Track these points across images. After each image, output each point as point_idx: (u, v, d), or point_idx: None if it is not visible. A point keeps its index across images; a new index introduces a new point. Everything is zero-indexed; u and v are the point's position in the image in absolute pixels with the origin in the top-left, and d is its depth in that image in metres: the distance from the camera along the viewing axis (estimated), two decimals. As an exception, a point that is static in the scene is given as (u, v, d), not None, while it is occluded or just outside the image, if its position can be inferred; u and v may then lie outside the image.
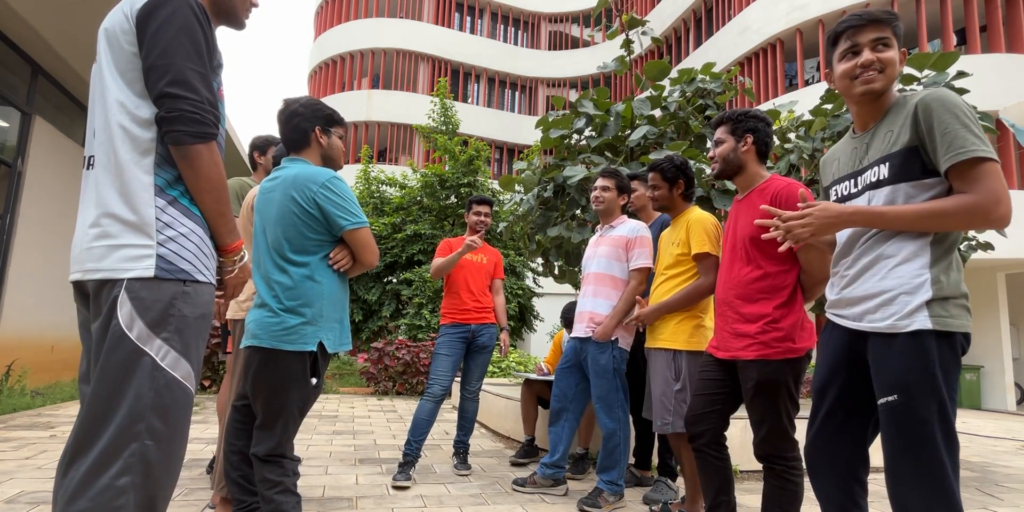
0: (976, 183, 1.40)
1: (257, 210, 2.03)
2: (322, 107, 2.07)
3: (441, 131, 13.12)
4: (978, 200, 1.39)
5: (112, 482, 1.11)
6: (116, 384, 1.15)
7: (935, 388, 1.40)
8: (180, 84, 1.21)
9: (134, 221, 1.21)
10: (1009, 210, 1.40)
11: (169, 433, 1.19)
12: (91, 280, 1.21)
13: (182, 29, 1.23)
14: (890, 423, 1.45)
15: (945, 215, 1.42)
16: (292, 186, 1.93)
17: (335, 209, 1.92)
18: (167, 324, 1.20)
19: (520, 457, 3.87)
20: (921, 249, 1.48)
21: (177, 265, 1.23)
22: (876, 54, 1.56)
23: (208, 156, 1.25)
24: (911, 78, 4.22)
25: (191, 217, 1.28)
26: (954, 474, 1.40)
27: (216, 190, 1.28)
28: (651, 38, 4.56)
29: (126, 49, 1.25)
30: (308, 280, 1.91)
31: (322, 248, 1.95)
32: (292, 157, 2.06)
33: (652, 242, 3.06)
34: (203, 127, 1.23)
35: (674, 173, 2.83)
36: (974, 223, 1.42)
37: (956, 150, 1.40)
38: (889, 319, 1.48)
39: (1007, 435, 6.88)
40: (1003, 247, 7.22)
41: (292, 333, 1.87)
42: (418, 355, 7.94)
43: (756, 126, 2.24)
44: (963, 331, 1.44)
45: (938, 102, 1.45)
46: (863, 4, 12.20)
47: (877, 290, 1.52)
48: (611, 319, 2.96)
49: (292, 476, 1.93)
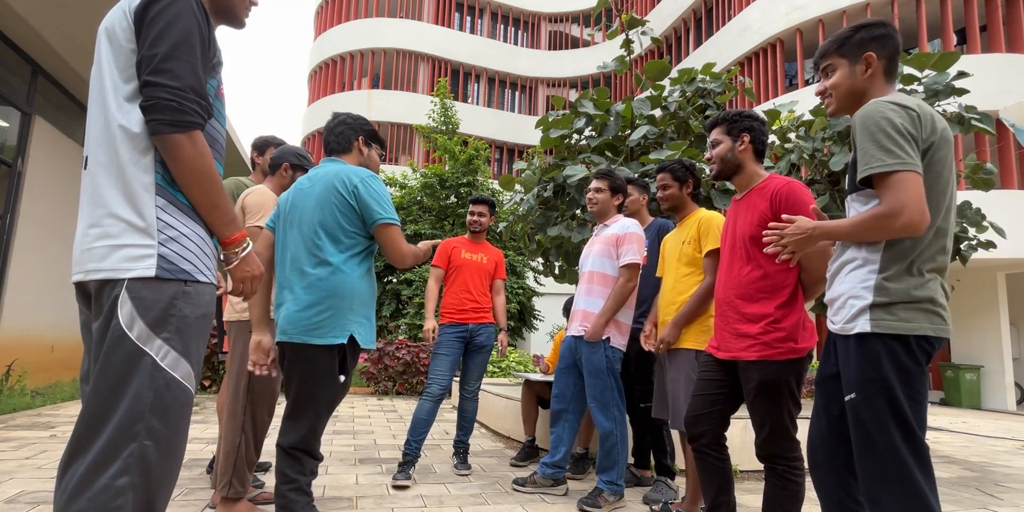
0: (884, 194, 1.48)
1: (292, 205, 2.10)
2: (369, 124, 2.28)
3: (441, 131, 13.13)
4: (882, 211, 1.47)
5: (111, 482, 1.11)
6: (116, 384, 1.15)
7: (886, 387, 1.46)
8: (161, 72, 1.18)
9: (135, 221, 1.21)
10: (912, 220, 1.44)
11: (168, 433, 1.19)
12: (93, 280, 1.21)
13: (175, 20, 1.21)
14: (852, 421, 1.53)
15: (864, 226, 1.51)
16: (335, 177, 2.04)
17: (372, 202, 2.02)
18: (167, 324, 1.20)
19: (520, 459, 3.86)
20: (872, 255, 1.56)
21: (178, 265, 1.22)
22: (825, 83, 1.75)
23: (190, 146, 1.21)
24: (911, 78, 4.22)
25: (192, 217, 1.27)
26: (922, 473, 1.43)
27: (203, 181, 1.24)
28: (651, 38, 4.56)
29: (124, 46, 1.24)
30: (339, 273, 1.98)
31: (355, 244, 2.03)
32: (332, 158, 2.19)
33: (644, 241, 3.07)
34: (181, 115, 1.19)
35: (683, 173, 2.90)
36: (884, 233, 1.49)
37: (863, 166, 1.50)
38: (841, 322, 1.58)
39: (1007, 435, 6.88)
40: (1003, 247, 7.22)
41: (320, 327, 1.93)
42: (418, 355, 7.94)
43: (752, 125, 2.25)
44: (918, 334, 1.48)
45: (859, 118, 1.55)
46: (863, 4, 12.21)
47: (836, 294, 1.63)
48: (600, 318, 2.96)
49: (308, 475, 1.98)
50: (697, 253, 2.72)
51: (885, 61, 1.65)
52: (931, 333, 1.48)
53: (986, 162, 4.67)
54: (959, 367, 11.01)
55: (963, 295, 11.40)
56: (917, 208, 1.44)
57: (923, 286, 1.50)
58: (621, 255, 3.01)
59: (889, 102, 1.51)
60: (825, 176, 4.75)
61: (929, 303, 1.50)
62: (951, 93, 4.12)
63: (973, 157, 4.71)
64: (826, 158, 4.59)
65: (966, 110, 4.24)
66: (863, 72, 1.66)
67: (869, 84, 1.66)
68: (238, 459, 2.39)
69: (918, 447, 1.44)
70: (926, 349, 1.49)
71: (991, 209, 5.76)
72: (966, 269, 10.65)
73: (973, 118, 4.18)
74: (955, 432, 6.99)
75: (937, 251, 1.54)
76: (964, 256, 4.90)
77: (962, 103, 4.32)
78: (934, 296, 1.50)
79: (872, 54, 1.64)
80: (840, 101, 1.72)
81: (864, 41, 1.66)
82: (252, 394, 2.44)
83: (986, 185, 4.60)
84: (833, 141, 4.51)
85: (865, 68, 1.66)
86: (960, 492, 3.65)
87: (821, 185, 4.75)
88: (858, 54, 1.66)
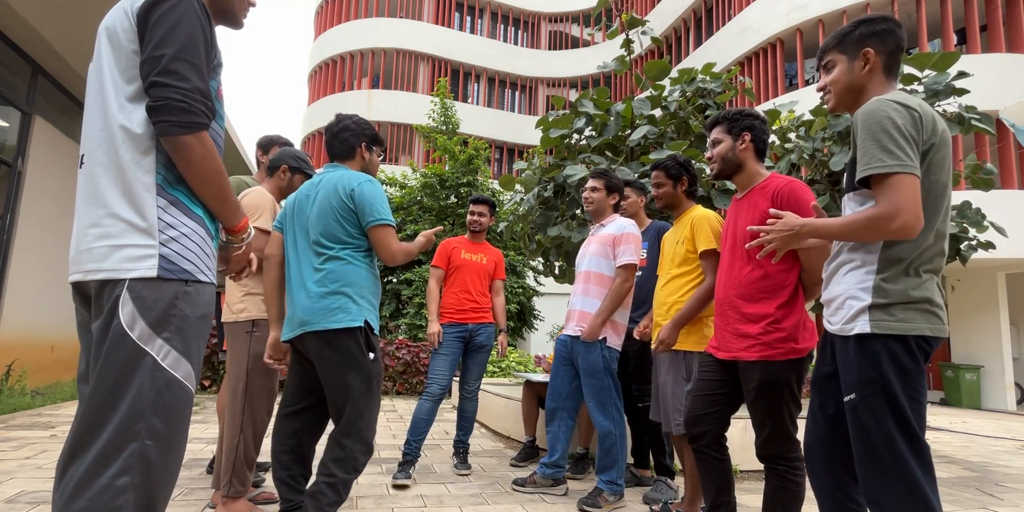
0: (880, 195, 1.47)
1: (299, 210, 2.20)
2: (371, 127, 2.31)
3: (441, 131, 13.13)
4: (878, 212, 1.46)
5: (111, 482, 1.11)
6: (117, 383, 1.15)
7: (886, 387, 1.46)
8: (168, 73, 1.18)
9: (136, 221, 1.21)
10: (907, 223, 1.43)
11: (169, 433, 1.19)
12: (93, 280, 1.21)
13: (180, 22, 1.21)
14: (852, 421, 1.53)
15: (856, 227, 1.51)
16: (337, 182, 2.12)
17: (366, 204, 2.09)
18: (168, 324, 1.20)
19: (520, 459, 3.86)
20: (869, 256, 1.55)
21: (179, 265, 1.23)
22: (825, 79, 1.74)
23: (200, 147, 1.22)
24: (912, 78, 4.22)
25: (192, 217, 1.27)
26: (923, 472, 1.43)
27: (214, 180, 1.27)
28: (651, 38, 4.56)
29: (126, 47, 1.24)
30: (348, 264, 2.09)
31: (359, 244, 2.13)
32: (335, 164, 2.26)
33: (641, 241, 3.07)
34: (190, 116, 1.20)
35: (678, 170, 2.85)
36: (878, 234, 1.49)
37: (862, 166, 1.49)
38: (840, 322, 1.58)
39: (1007, 435, 6.88)
40: (1003, 247, 7.22)
41: (339, 312, 2.01)
42: (418, 355, 7.95)
43: (752, 124, 2.25)
44: (916, 334, 1.48)
45: (862, 116, 1.53)
46: (863, 4, 12.21)
47: (834, 294, 1.63)
48: (596, 318, 2.96)
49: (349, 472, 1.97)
50: (691, 253, 2.70)
51: (885, 56, 1.64)
52: (929, 333, 1.49)
53: (986, 162, 4.66)
54: (959, 367, 11.01)
55: (963, 295, 11.40)
56: (912, 211, 1.43)
57: (920, 287, 1.51)
58: (618, 255, 3.01)
59: (893, 101, 1.50)
60: (825, 176, 4.75)
61: (927, 303, 1.50)
62: (951, 93, 4.11)
63: (973, 157, 4.70)
64: (826, 158, 4.59)
65: (966, 110, 4.24)
66: (861, 68, 1.65)
67: (867, 80, 1.65)
68: (237, 459, 2.41)
69: (919, 447, 1.44)
70: (924, 349, 1.49)
71: (991, 209, 5.75)
72: (966, 269, 10.65)
73: (973, 118, 4.18)
74: (955, 432, 6.99)
75: (936, 253, 1.54)
76: (964, 256, 4.90)
77: (962, 103, 4.32)
78: (931, 296, 1.50)
79: (870, 50, 1.63)
80: (838, 97, 1.71)
81: (863, 36, 1.65)
82: (250, 394, 2.45)
83: (986, 185, 4.60)
84: (833, 141, 4.51)
85: (863, 64, 1.65)
86: (960, 492, 3.65)
87: (821, 185, 4.75)
88: (857, 50, 1.65)
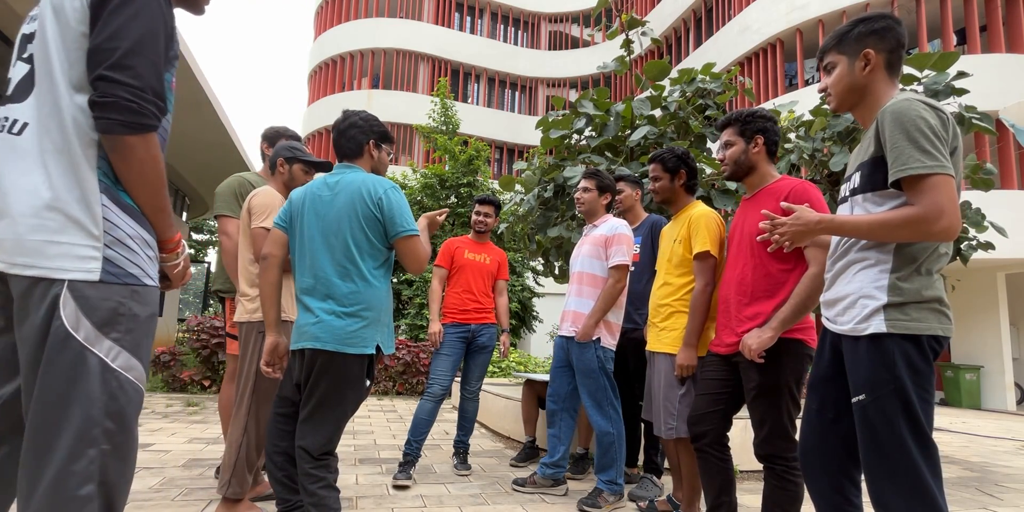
0: (921, 196, 1.43)
1: (314, 213, 2.07)
2: (379, 123, 2.21)
3: (441, 131, 13.14)
4: (920, 213, 1.43)
5: (76, 493, 1.06)
6: (65, 389, 1.08)
7: (899, 388, 1.44)
8: (122, 68, 1.09)
9: (80, 218, 1.11)
10: (952, 224, 1.42)
11: (123, 435, 1.14)
12: (20, 275, 1.09)
13: (139, 12, 1.13)
14: (861, 422, 1.51)
15: (891, 226, 1.47)
16: (360, 188, 2.04)
17: (396, 214, 2.03)
18: (117, 324, 1.13)
19: (520, 460, 3.86)
20: (884, 255, 1.53)
21: (125, 269, 1.15)
22: (825, 80, 1.73)
23: (143, 149, 1.13)
24: (911, 78, 4.22)
25: (137, 218, 1.19)
26: (931, 474, 1.42)
27: (151, 185, 1.17)
28: (651, 38, 4.56)
29: (73, 27, 1.13)
30: (370, 286, 2.02)
31: (381, 256, 2.07)
32: (347, 164, 2.17)
33: (633, 241, 3.05)
34: (139, 117, 1.11)
35: (675, 163, 2.73)
36: (916, 235, 1.47)
37: (899, 166, 1.45)
38: (851, 322, 1.55)
39: (1007, 435, 6.88)
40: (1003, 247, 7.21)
41: (355, 337, 1.97)
42: (418, 355, 7.94)
43: (766, 126, 2.22)
44: (929, 334, 1.47)
45: (892, 115, 1.49)
46: (863, 4, 12.21)
47: (844, 294, 1.60)
48: (590, 318, 2.96)
49: (334, 473, 2.01)
50: (687, 254, 2.61)
51: (886, 55, 1.62)
52: (941, 333, 1.48)
53: (986, 162, 4.66)
54: (959, 367, 11.00)
55: (963, 295, 11.39)
56: (955, 213, 1.42)
57: (932, 286, 1.50)
58: (610, 256, 3.00)
59: (922, 102, 1.48)
60: (825, 176, 4.75)
61: (937, 303, 1.49)
62: (951, 93, 4.11)
63: (973, 157, 4.70)
64: (826, 158, 4.59)
65: (966, 110, 4.24)
66: (862, 68, 1.63)
67: (869, 80, 1.63)
68: (239, 460, 2.40)
69: (928, 447, 1.43)
70: (935, 349, 1.49)
71: (991, 209, 5.75)
72: (966, 269, 10.65)
73: (973, 118, 4.18)
74: (955, 432, 6.99)
75: (943, 253, 1.54)
76: (964, 256, 4.90)
77: (962, 103, 4.32)
78: (941, 296, 1.50)
79: (870, 50, 1.61)
80: (840, 98, 1.70)
81: (862, 36, 1.63)
82: (257, 395, 2.44)
83: (986, 185, 4.60)
84: (833, 141, 4.51)
85: (864, 64, 1.63)
86: (960, 492, 3.65)
87: (821, 185, 4.75)
88: (857, 50, 1.64)
